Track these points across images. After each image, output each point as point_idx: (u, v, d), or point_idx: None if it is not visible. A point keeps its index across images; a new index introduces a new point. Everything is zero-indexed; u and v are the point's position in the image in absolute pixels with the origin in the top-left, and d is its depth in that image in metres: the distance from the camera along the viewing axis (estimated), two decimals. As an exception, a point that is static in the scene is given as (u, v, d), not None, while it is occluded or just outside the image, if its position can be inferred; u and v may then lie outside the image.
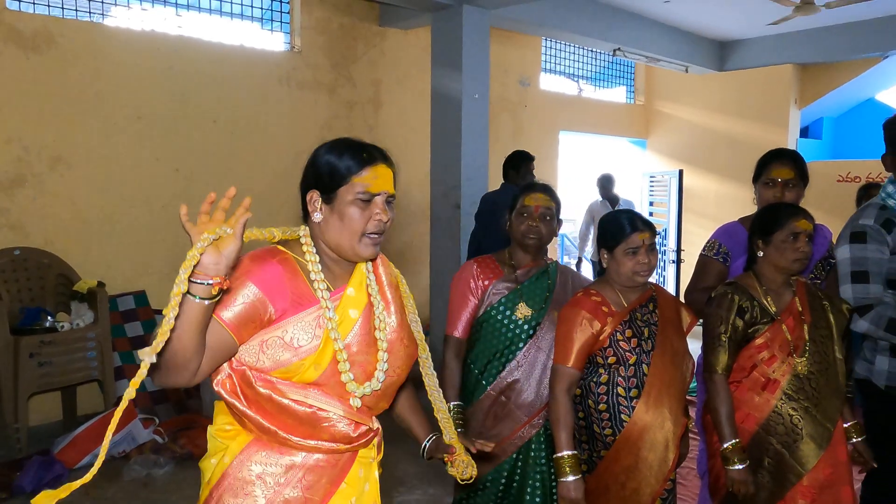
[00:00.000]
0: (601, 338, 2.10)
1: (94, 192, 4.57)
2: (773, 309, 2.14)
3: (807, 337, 2.11)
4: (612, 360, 2.11)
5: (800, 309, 2.15)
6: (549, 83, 7.96)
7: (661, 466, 2.09)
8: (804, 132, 8.68)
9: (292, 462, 1.43)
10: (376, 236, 1.44)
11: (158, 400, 4.40)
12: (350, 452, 1.49)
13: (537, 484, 2.36)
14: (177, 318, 1.16)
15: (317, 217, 1.45)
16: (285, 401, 1.38)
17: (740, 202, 2.67)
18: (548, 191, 2.43)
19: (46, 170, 4.38)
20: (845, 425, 2.21)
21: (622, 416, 2.10)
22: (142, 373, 1.14)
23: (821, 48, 7.38)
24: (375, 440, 1.55)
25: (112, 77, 4.60)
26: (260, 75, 5.32)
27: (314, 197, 1.46)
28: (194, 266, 1.16)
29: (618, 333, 2.11)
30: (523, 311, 2.36)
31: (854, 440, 2.22)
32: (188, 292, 1.17)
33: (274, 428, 1.39)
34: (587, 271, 6.79)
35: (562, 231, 5.79)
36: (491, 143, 5.60)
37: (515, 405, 2.33)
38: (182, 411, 4.38)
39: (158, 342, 1.13)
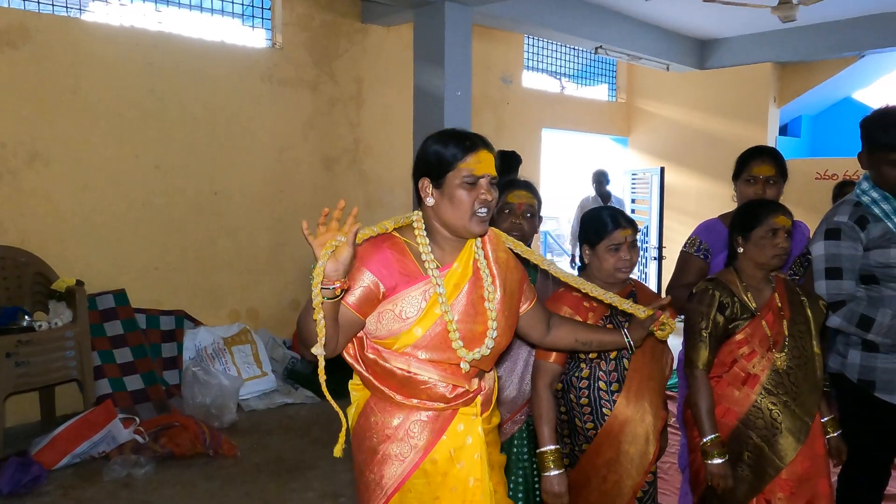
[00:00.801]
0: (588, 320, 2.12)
1: (72, 189, 4.51)
2: (753, 305, 2.16)
3: (786, 332, 2.14)
4: (592, 354, 2.13)
5: (779, 304, 2.18)
6: (532, 80, 7.98)
7: (642, 459, 2.11)
8: (783, 130, 8.78)
9: (399, 416, 1.67)
10: (484, 213, 1.62)
11: (139, 399, 4.36)
12: (450, 410, 1.68)
13: (520, 479, 2.37)
14: (322, 317, 1.43)
15: (429, 201, 1.64)
16: (388, 365, 1.62)
17: (721, 199, 2.70)
18: (529, 188, 2.44)
19: (23, 166, 4.32)
20: (823, 420, 2.24)
21: (603, 409, 2.12)
22: (322, 364, 1.49)
23: (799, 47, 7.47)
24: (478, 399, 1.73)
25: (90, 73, 4.54)
26: (241, 72, 5.28)
27: (425, 184, 1.64)
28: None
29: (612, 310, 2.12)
30: None
31: (830, 435, 2.26)
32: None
33: (382, 387, 1.65)
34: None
35: (544, 228, 5.82)
36: (474, 141, 5.59)
37: (497, 402, 2.34)
38: (163, 411, 4.34)
39: (321, 338, 1.44)
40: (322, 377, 1.51)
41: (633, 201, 8.42)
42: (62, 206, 4.48)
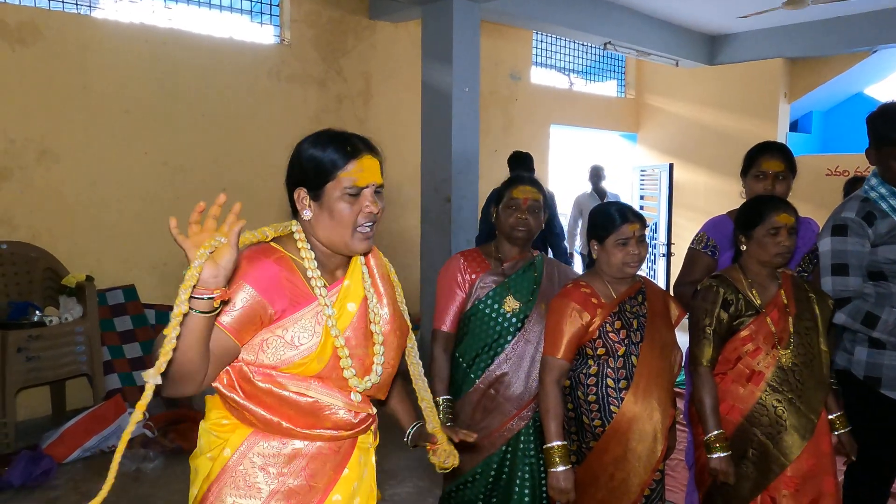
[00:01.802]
0: (591, 329, 2.11)
1: (82, 185, 4.54)
2: (758, 302, 2.15)
3: (791, 329, 2.13)
4: (601, 351, 2.12)
5: (785, 301, 2.17)
6: (540, 77, 7.95)
7: (650, 457, 2.11)
8: (793, 126, 8.71)
9: (295, 451, 1.42)
10: (368, 229, 1.43)
11: (148, 394, 4.38)
12: (351, 439, 1.51)
13: (526, 476, 2.37)
14: (178, 336, 1.15)
15: (306, 214, 1.44)
16: (286, 393, 1.38)
17: (730, 196, 2.69)
18: (535, 183, 2.43)
19: (33, 163, 4.35)
20: (830, 417, 2.23)
21: (611, 406, 2.11)
22: (147, 395, 1.14)
23: (810, 43, 7.41)
24: (373, 426, 1.57)
25: (100, 70, 4.57)
26: (249, 68, 5.29)
27: (301, 194, 1.44)
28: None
29: (607, 325, 2.11)
30: (511, 304, 2.36)
31: (839, 431, 2.25)
32: (190, 308, 1.16)
33: (276, 419, 1.39)
34: (578, 265, 6.80)
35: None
36: (481, 137, 5.60)
37: (504, 398, 2.34)
38: (172, 406, 4.36)
39: (161, 363, 1.13)
40: (138, 414, 1.16)
41: (641, 198, 8.39)
42: (72, 202, 4.51)
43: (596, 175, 6.94)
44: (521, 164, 5.06)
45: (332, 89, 5.80)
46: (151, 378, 1.12)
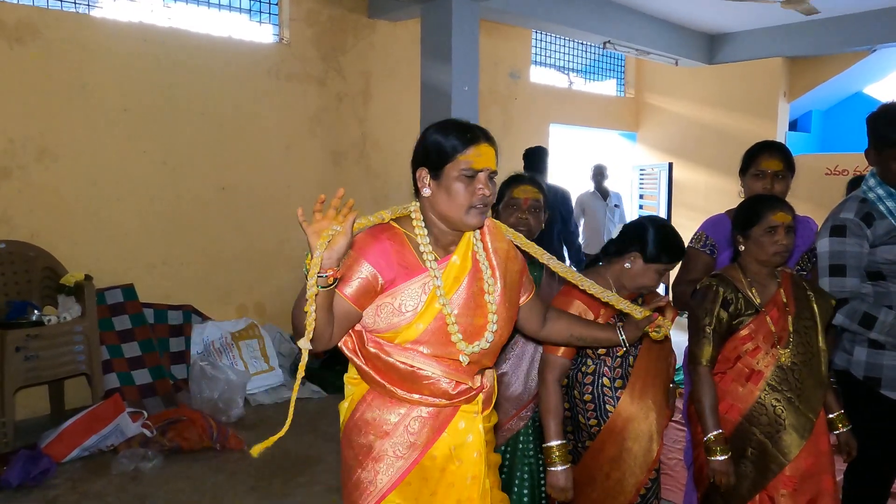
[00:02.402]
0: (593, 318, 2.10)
1: (81, 184, 4.54)
2: (758, 301, 2.15)
3: (790, 328, 2.13)
4: (601, 350, 2.12)
5: (784, 300, 2.16)
6: (540, 76, 7.95)
7: (646, 457, 2.11)
8: (793, 125, 8.72)
9: (399, 413, 1.63)
10: (482, 207, 1.58)
11: (147, 393, 4.38)
12: (452, 406, 1.65)
13: (525, 476, 2.37)
14: (315, 309, 1.38)
15: (426, 192, 1.60)
16: (390, 359, 1.59)
17: (729, 195, 2.69)
18: (535, 182, 2.43)
19: (32, 162, 4.34)
20: (830, 416, 2.24)
21: (607, 406, 2.11)
22: (304, 358, 1.44)
23: (810, 42, 7.41)
24: (479, 396, 1.70)
25: (98, 69, 4.56)
26: (248, 67, 5.29)
27: (423, 174, 1.60)
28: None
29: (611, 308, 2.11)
30: None
31: (838, 431, 2.25)
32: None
33: (383, 381, 1.60)
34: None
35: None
36: (481, 136, 5.58)
37: (503, 398, 2.33)
38: (170, 405, 4.36)
39: (309, 332, 1.39)
40: (301, 372, 1.47)
41: (641, 197, 8.39)
42: (71, 201, 4.51)
43: (599, 174, 6.93)
44: (535, 160, 5.11)
45: (331, 88, 5.79)
46: (303, 343, 1.40)
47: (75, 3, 4.58)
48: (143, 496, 3.37)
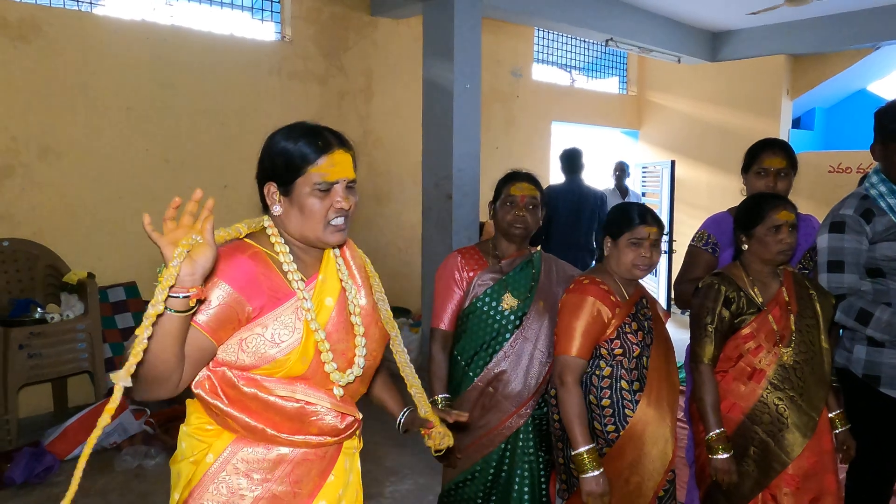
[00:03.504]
0: (610, 328, 2.07)
1: (84, 182, 4.55)
2: (760, 299, 2.15)
3: (793, 327, 2.13)
4: (618, 351, 2.07)
5: (786, 299, 2.16)
6: (542, 73, 7.94)
7: (663, 460, 2.09)
8: (796, 123, 8.69)
9: (280, 457, 1.40)
10: (341, 222, 1.41)
11: (149, 391, 4.39)
12: (336, 444, 1.49)
13: (525, 474, 2.37)
14: (150, 336, 1.11)
15: (276, 210, 1.41)
16: (272, 398, 1.35)
17: (732, 193, 2.69)
18: (532, 180, 2.41)
19: (35, 160, 4.35)
20: (830, 415, 2.23)
21: (626, 411, 2.07)
22: (116, 398, 1.09)
23: (813, 39, 7.38)
24: (358, 431, 1.55)
25: (101, 67, 4.56)
26: (250, 65, 5.29)
27: (272, 189, 1.41)
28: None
29: (625, 325, 2.08)
30: (509, 301, 2.35)
31: (838, 430, 2.24)
32: (165, 308, 1.13)
33: (261, 426, 1.37)
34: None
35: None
36: (483, 134, 5.59)
37: (503, 396, 2.33)
38: (173, 402, 4.37)
39: (131, 364, 1.09)
40: (106, 420, 1.10)
41: (643, 194, 8.37)
42: (73, 199, 4.52)
43: (620, 172, 6.94)
44: (573, 161, 5.40)
45: (333, 86, 5.79)
46: (121, 380, 1.08)
47: (78, 1, 4.58)
48: (145, 493, 3.38)
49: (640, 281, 2.22)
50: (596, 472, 1.97)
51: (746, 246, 2.18)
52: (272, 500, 1.40)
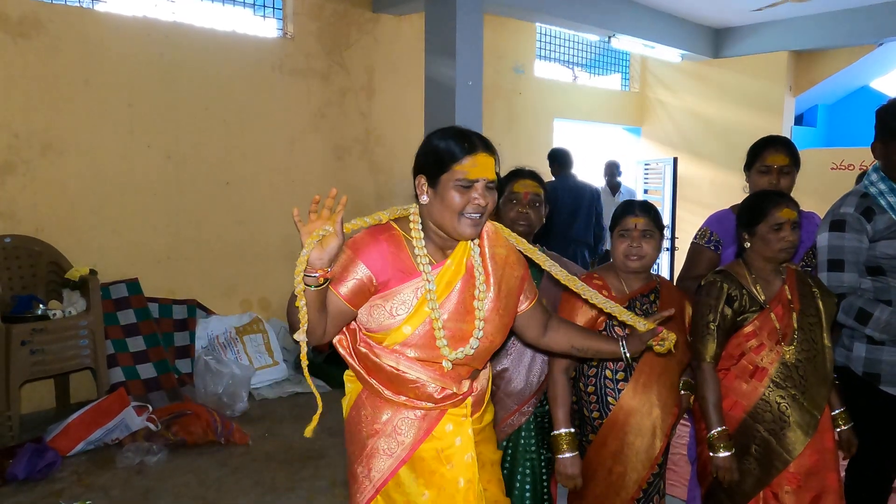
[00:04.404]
0: (598, 321, 2.12)
1: (85, 179, 4.55)
2: (762, 297, 2.14)
3: (795, 325, 2.12)
4: None
5: (789, 297, 2.16)
6: (544, 70, 7.93)
7: (648, 452, 2.10)
8: (798, 120, 8.69)
9: (388, 412, 1.68)
10: (476, 217, 1.58)
11: (152, 388, 4.40)
12: (438, 410, 1.69)
13: (527, 472, 2.37)
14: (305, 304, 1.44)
15: (423, 199, 1.62)
16: (378, 361, 1.64)
17: (734, 190, 2.68)
18: (535, 177, 2.41)
19: (37, 157, 4.35)
20: (833, 413, 2.23)
21: (608, 398, 2.13)
22: (304, 349, 1.49)
23: (816, 35, 7.37)
24: (468, 400, 1.73)
25: (102, 63, 4.56)
26: (252, 62, 5.28)
27: (421, 181, 1.62)
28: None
29: (613, 318, 2.10)
30: None
31: (840, 428, 2.24)
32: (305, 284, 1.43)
33: (371, 381, 1.66)
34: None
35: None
36: (485, 131, 5.52)
37: (505, 393, 2.33)
38: (175, 399, 4.38)
39: (303, 326, 1.44)
40: (304, 362, 1.53)
41: (645, 192, 8.36)
42: (75, 195, 4.52)
43: (610, 171, 6.97)
44: (562, 159, 5.44)
45: (335, 83, 5.78)
46: (299, 336, 1.46)
47: (79, -3, 4.58)
48: (147, 490, 3.38)
49: (666, 280, 2.26)
50: (570, 454, 2.06)
51: (749, 243, 2.18)
52: (382, 443, 1.69)
